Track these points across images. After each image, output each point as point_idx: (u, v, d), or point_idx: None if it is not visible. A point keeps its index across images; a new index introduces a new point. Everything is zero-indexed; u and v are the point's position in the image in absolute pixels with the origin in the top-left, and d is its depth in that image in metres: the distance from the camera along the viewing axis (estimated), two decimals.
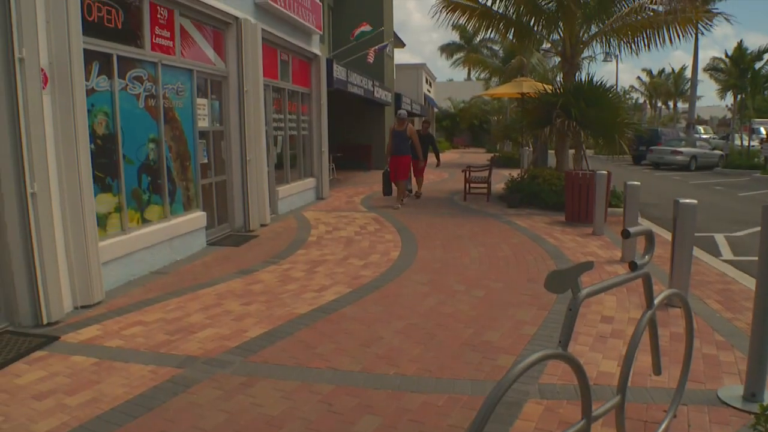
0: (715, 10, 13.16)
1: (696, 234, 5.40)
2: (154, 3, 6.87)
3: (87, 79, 5.58)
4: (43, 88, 4.90)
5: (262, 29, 9.56)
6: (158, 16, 6.97)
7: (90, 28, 5.67)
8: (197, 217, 7.88)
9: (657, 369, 3.07)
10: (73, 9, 5.15)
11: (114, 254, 6.04)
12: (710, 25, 12.33)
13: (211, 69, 8.47)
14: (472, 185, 13.64)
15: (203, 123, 8.27)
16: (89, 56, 5.61)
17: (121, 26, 6.28)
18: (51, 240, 4.95)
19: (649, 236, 2.85)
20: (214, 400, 3.58)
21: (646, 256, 2.78)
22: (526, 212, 11.37)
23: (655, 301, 2.88)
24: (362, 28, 16.96)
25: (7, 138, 4.62)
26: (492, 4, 13.25)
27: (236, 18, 8.75)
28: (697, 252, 7.17)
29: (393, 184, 12.57)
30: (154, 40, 6.87)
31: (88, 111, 5.54)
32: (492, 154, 28.69)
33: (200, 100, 8.13)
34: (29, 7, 4.68)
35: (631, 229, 2.69)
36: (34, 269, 4.78)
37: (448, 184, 17.31)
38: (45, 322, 4.84)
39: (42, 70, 4.87)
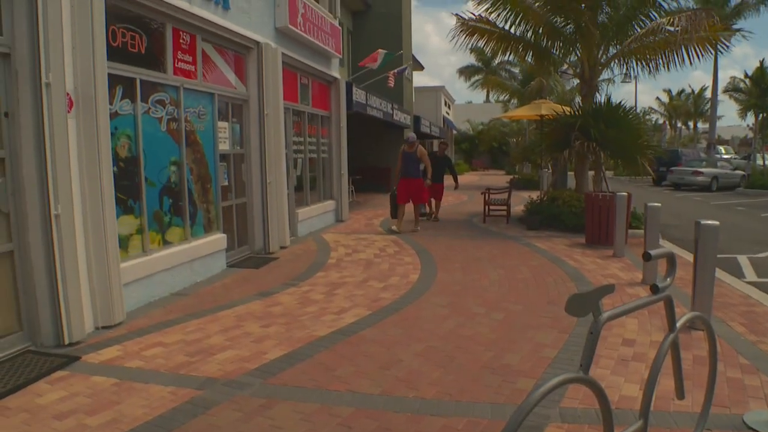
0: (733, 27, 13.13)
1: (718, 255, 5.33)
2: (177, 28, 7.02)
3: (111, 103, 5.70)
4: (68, 111, 5.02)
5: (283, 53, 9.69)
6: (180, 41, 7.11)
7: (114, 53, 5.80)
8: (217, 239, 7.94)
9: (680, 393, 3.02)
10: (99, 35, 5.28)
11: (135, 275, 6.11)
12: (728, 45, 12.30)
13: (232, 93, 8.59)
14: (491, 207, 13.60)
15: (224, 146, 8.37)
16: (113, 80, 5.74)
17: (144, 51, 6.42)
18: (73, 261, 5.01)
19: (671, 259, 2.82)
20: (233, 422, 3.58)
21: (668, 279, 2.75)
22: (545, 234, 11.30)
23: (678, 324, 2.84)
24: (380, 54, 17.00)
25: (32, 160, 4.72)
26: (510, 28, 13.31)
27: (257, 42, 8.89)
28: (719, 274, 7.05)
29: (399, 206, 12.18)
30: (176, 65, 7.00)
31: (112, 134, 5.66)
32: (511, 176, 28.65)
33: (221, 124, 8.24)
34: (56, 33, 4.80)
35: (653, 252, 2.67)
36: (56, 290, 4.84)
37: (468, 206, 17.29)
38: (66, 342, 4.88)
39: (68, 94, 4.99)
